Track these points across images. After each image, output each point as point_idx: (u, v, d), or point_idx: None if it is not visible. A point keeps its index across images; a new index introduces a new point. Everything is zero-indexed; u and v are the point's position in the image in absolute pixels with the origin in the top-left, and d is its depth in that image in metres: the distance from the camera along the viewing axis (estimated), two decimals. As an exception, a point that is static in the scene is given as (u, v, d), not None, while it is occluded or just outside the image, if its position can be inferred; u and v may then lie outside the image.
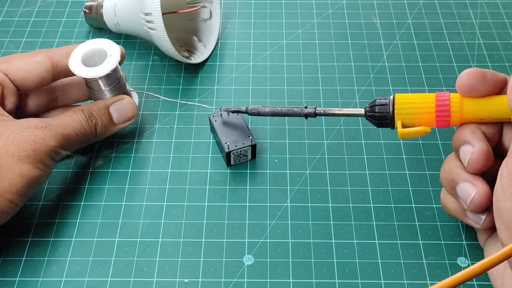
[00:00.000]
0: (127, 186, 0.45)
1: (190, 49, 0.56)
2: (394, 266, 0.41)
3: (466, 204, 0.36)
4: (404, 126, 0.38)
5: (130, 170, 0.46)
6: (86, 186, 0.45)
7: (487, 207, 0.35)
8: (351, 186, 0.45)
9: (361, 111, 0.40)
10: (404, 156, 0.47)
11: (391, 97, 0.38)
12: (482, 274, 0.40)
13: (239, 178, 0.46)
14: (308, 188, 0.45)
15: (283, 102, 0.51)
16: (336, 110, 0.41)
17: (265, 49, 0.56)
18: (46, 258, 0.41)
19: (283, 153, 0.47)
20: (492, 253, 0.29)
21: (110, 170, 0.46)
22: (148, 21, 0.48)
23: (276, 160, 0.47)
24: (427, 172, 0.46)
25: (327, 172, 0.46)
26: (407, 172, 0.46)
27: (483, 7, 0.60)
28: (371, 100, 0.51)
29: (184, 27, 0.56)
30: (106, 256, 0.41)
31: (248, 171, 0.46)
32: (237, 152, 0.45)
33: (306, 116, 0.42)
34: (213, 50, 0.56)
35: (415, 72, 0.54)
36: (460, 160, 0.37)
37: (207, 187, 0.45)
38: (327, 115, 0.41)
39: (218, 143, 0.47)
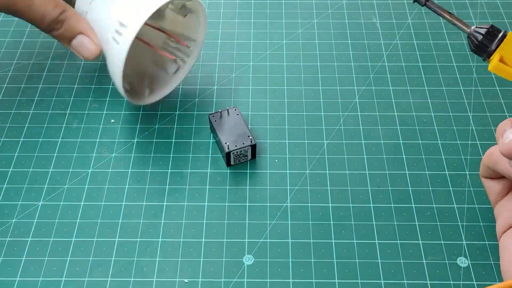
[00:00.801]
0: (127, 186, 0.45)
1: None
2: (394, 266, 0.41)
3: (502, 143, 0.35)
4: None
5: (130, 170, 0.46)
6: (86, 186, 0.45)
7: None
8: (351, 186, 0.45)
9: (467, 29, 0.38)
10: (404, 156, 0.47)
11: (501, 33, 0.36)
12: (481, 274, 0.40)
13: (239, 178, 0.46)
14: (308, 188, 0.45)
15: (283, 102, 0.51)
16: (447, 13, 0.39)
17: (265, 49, 0.56)
18: (46, 258, 0.41)
19: (283, 153, 0.47)
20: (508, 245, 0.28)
21: (110, 170, 0.46)
22: (117, 31, 0.44)
23: (276, 160, 0.47)
24: (427, 172, 0.46)
25: (327, 172, 0.46)
26: (407, 172, 0.46)
27: (483, 7, 0.60)
28: (371, 100, 0.52)
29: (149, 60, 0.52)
30: (106, 256, 0.41)
31: (248, 171, 0.46)
32: (237, 152, 0.45)
33: (415, 0, 0.39)
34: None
35: (415, 72, 0.54)
36: None
37: (207, 187, 0.45)
38: (436, 12, 0.39)
39: (218, 143, 0.47)
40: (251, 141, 0.45)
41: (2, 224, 0.43)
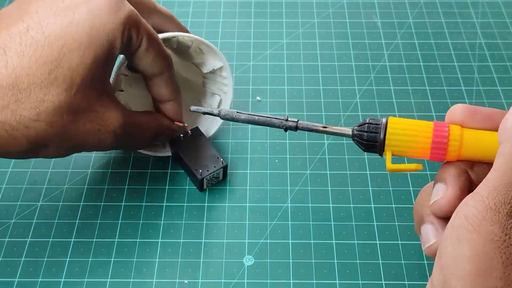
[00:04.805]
0: (126, 187, 0.45)
1: None
2: (395, 267, 0.40)
3: (423, 246, 0.33)
4: (394, 155, 0.33)
5: (129, 171, 0.46)
6: (86, 187, 0.45)
7: None
8: (352, 186, 0.45)
9: (349, 131, 0.35)
10: (405, 156, 0.47)
11: (384, 120, 0.33)
12: None
13: (239, 178, 0.46)
14: (309, 188, 0.45)
15: (283, 101, 0.51)
16: (320, 127, 0.36)
17: (265, 48, 0.56)
18: (45, 259, 0.41)
19: (283, 153, 0.47)
20: None
21: (109, 171, 0.46)
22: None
23: (276, 160, 0.47)
24: (428, 173, 0.46)
25: (328, 172, 0.46)
26: (408, 172, 0.46)
27: (484, 7, 0.60)
28: (371, 100, 0.51)
29: None
30: (105, 256, 0.41)
31: (248, 171, 0.46)
32: (209, 176, 0.44)
33: (286, 129, 0.36)
34: None
35: (416, 72, 0.54)
36: None
37: (207, 187, 0.45)
38: (310, 130, 0.36)
39: (186, 169, 0.45)
40: (222, 163, 0.44)
41: (1, 224, 0.43)
